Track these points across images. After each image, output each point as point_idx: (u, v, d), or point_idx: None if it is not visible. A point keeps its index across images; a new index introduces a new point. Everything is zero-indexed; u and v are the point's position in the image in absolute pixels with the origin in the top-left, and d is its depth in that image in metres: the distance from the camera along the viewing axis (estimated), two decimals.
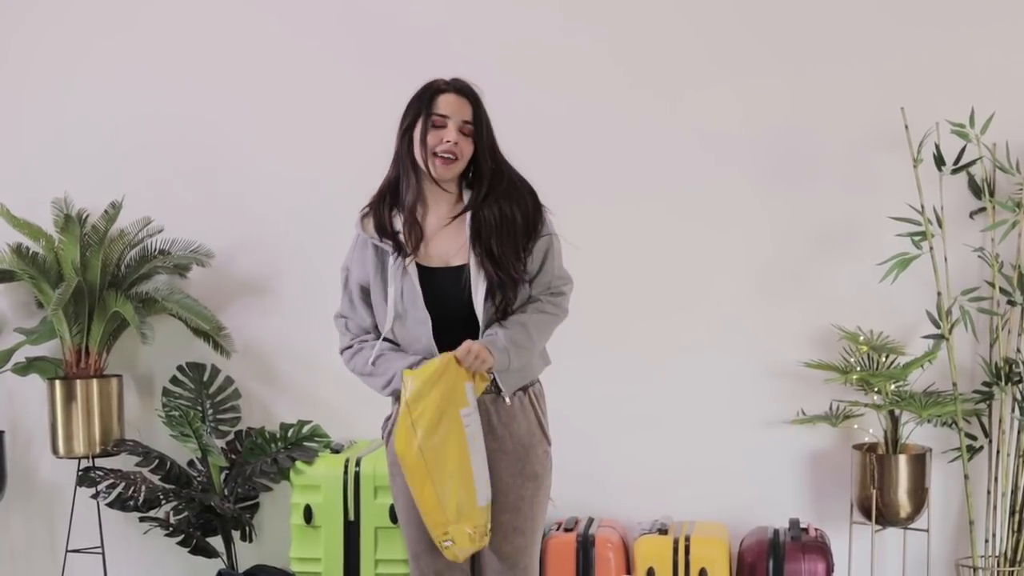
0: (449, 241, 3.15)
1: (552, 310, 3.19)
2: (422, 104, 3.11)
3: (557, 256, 3.22)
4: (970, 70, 4.36)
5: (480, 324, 3.09)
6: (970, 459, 4.34)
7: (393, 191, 3.18)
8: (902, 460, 4.24)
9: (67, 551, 4.64)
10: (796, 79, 4.48)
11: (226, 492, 4.53)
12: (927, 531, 4.33)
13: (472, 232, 3.11)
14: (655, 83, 4.55)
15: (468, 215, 3.13)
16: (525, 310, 3.15)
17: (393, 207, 3.17)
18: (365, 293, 3.21)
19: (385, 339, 3.16)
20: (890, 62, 4.42)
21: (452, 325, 3.10)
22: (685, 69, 4.54)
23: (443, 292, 3.11)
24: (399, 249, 3.11)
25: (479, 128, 3.11)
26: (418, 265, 3.12)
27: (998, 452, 4.33)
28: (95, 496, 4.48)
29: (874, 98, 4.39)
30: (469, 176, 3.19)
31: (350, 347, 3.25)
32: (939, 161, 4.26)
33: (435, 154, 3.09)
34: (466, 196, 3.17)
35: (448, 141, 3.07)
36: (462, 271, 3.12)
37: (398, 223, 3.15)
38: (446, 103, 3.09)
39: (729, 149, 4.52)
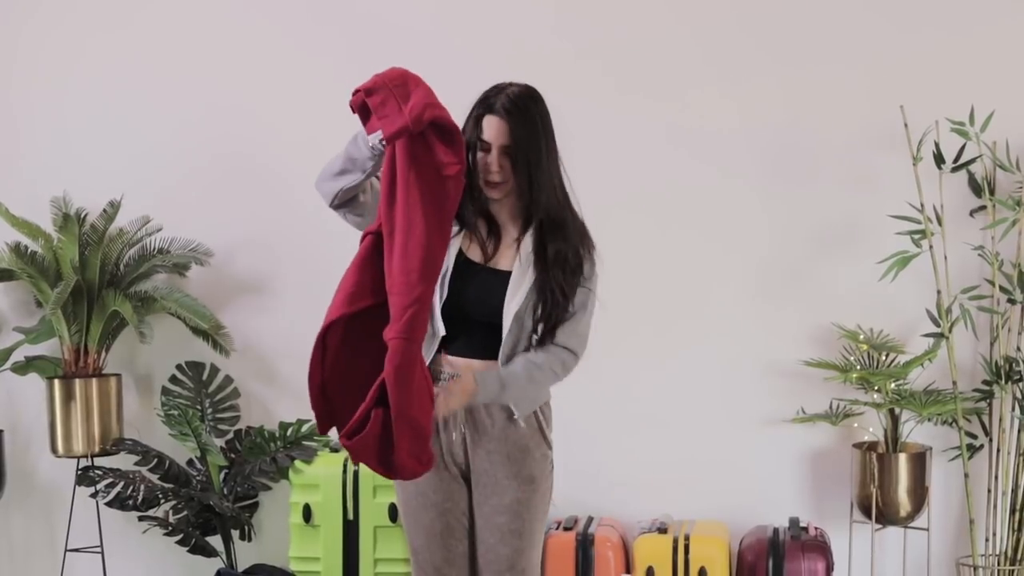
0: (501, 248, 3.10)
1: (560, 372, 3.09)
2: (471, 124, 3.04)
3: (589, 315, 3.13)
4: (970, 68, 4.36)
5: (504, 330, 3.02)
6: (970, 458, 4.34)
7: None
8: (902, 459, 4.24)
9: (66, 550, 4.64)
10: (795, 78, 4.48)
11: (225, 491, 4.53)
12: (927, 530, 4.33)
13: (536, 242, 3.04)
14: (653, 85, 4.55)
15: (533, 227, 3.06)
16: (542, 362, 3.05)
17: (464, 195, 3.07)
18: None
19: None
20: (889, 60, 4.42)
21: (468, 320, 3.05)
22: (683, 70, 4.54)
23: (473, 288, 3.04)
24: (461, 226, 3.06)
25: (515, 152, 3.00)
26: (461, 252, 3.07)
27: (998, 451, 4.33)
28: (94, 495, 4.48)
29: (873, 96, 4.39)
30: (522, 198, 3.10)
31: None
32: (939, 159, 4.26)
33: (485, 180, 3.04)
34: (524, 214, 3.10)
35: (489, 170, 3.02)
36: (501, 276, 3.06)
37: (467, 204, 3.07)
38: (488, 127, 3.01)
39: (728, 149, 4.52)
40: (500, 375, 3.02)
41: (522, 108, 3.02)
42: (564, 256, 3.05)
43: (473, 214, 3.09)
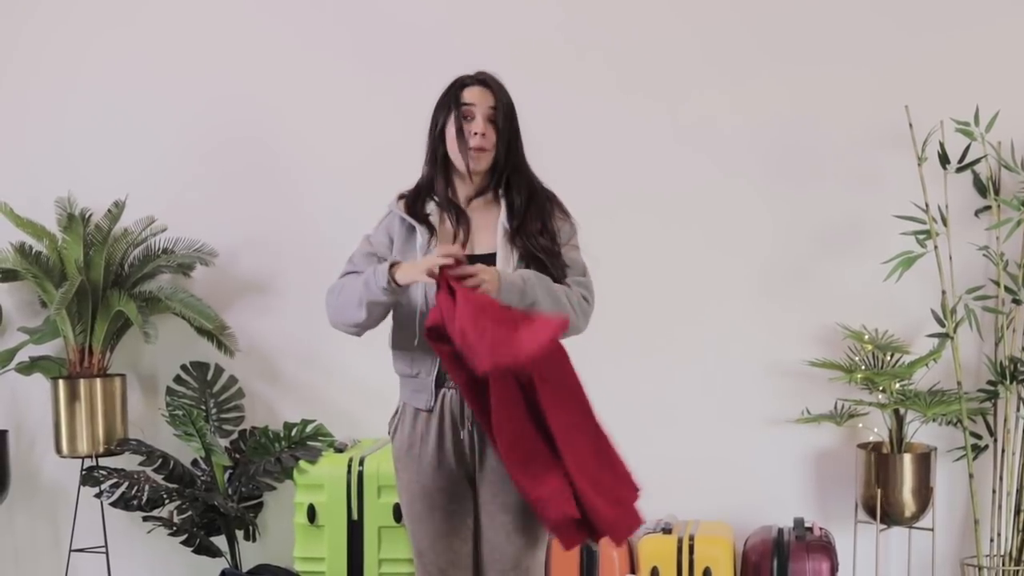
0: (477, 231, 3.14)
1: (577, 305, 3.10)
2: (450, 101, 3.12)
3: (589, 271, 3.20)
4: (975, 68, 4.36)
5: None
6: (975, 458, 4.33)
7: (428, 188, 3.17)
8: (907, 459, 4.24)
9: (71, 550, 4.64)
10: (799, 78, 4.48)
11: (230, 491, 4.53)
12: (932, 530, 4.32)
13: (507, 215, 3.11)
14: (658, 84, 4.54)
15: (503, 202, 3.13)
16: (560, 287, 3.09)
17: (428, 198, 3.16)
18: (376, 260, 3.16)
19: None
20: (894, 60, 4.42)
21: None
22: (686, 69, 4.54)
23: None
24: (430, 230, 3.11)
25: (500, 114, 3.10)
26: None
27: (1003, 451, 4.33)
28: (99, 495, 4.48)
29: (878, 96, 4.39)
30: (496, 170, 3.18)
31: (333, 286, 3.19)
32: (943, 159, 4.26)
33: (469, 148, 3.09)
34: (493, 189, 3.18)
35: (476, 133, 3.08)
36: (487, 260, 3.09)
37: (431, 207, 3.15)
38: (471, 94, 3.11)
39: (732, 148, 4.51)
40: (521, 274, 3.00)
41: (495, 80, 3.15)
42: (540, 225, 3.11)
43: (438, 208, 3.13)
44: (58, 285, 4.50)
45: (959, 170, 4.29)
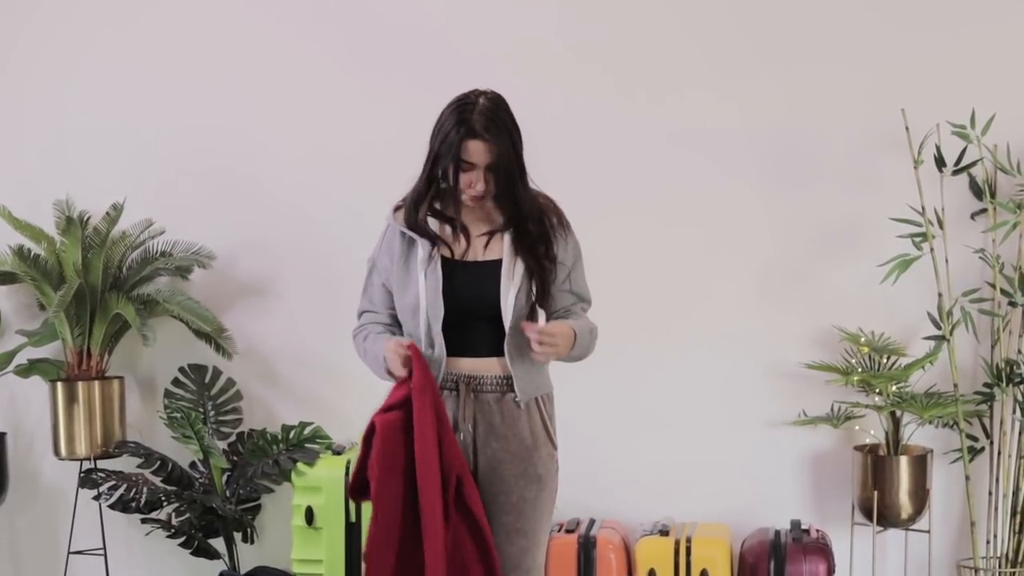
0: (482, 238, 3.15)
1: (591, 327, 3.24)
2: (452, 147, 3.05)
3: (583, 270, 3.27)
4: (971, 71, 4.36)
5: (505, 322, 3.08)
6: (971, 460, 4.34)
7: (425, 197, 3.17)
8: (903, 461, 4.24)
9: (69, 553, 4.65)
10: (796, 81, 4.48)
11: (228, 494, 4.53)
12: (928, 532, 4.33)
13: (508, 224, 3.13)
14: (654, 85, 4.55)
15: (507, 218, 3.15)
16: (590, 325, 3.22)
17: (427, 206, 3.16)
18: (386, 289, 3.21)
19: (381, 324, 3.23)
20: (891, 63, 4.42)
21: (466, 321, 3.09)
22: (684, 71, 4.54)
23: (466, 285, 3.10)
24: (431, 241, 3.11)
25: (498, 172, 3.06)
26: (443, 259, 3.12)
27: (999, 453, 4.33)
28: (97, 498, 4.49)
29: (875, 99, 4.39)
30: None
31: (355, 335, 3.28)
32: (940, 162, 4.26)
33: (470, 195, 3.10)
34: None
35: (475, 187, 3.06)
36: (489, 266, 3.12)
37: (428, 217, 3.15)
38: (475, 151, 3.04)
39: (730, 151, 4.52)
40: (590, 327, 3.19)
41: (499, 124, 3.05)
42: (539, 234, 3.13)
43: (439, 225, 3.15)
44: (56, 288, 4.51)
45: (955, 173, 4.29)
